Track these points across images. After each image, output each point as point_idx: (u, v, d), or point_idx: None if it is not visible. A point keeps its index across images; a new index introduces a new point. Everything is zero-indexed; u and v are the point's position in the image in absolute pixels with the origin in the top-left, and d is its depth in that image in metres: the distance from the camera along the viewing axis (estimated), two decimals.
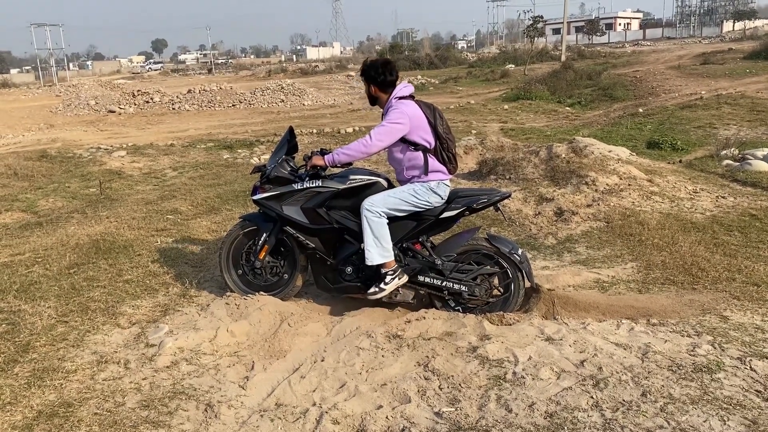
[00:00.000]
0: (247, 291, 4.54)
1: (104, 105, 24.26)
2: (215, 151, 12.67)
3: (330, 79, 34.52)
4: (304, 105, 22.95)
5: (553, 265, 5.17)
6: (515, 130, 13.82)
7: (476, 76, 30.94)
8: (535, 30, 35.49)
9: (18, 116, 23.31)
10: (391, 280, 4.05)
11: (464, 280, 4.19)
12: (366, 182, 4.22)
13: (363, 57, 63.63)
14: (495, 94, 22.32)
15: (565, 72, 24.33)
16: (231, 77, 48.36)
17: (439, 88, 26.92)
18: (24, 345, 3.87)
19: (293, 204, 4.27)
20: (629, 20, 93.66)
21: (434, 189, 4.04)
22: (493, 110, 17.78)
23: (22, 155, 12.19)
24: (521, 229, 6.06)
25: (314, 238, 4.32)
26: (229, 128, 16.50)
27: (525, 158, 7.62)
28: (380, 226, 3.99)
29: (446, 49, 54.79)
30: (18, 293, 4.72)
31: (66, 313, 4.34)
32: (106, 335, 4.01)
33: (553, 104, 18.60)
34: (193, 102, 23.74)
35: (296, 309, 4.33)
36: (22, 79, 66.03)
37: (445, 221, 4.20)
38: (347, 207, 4.23)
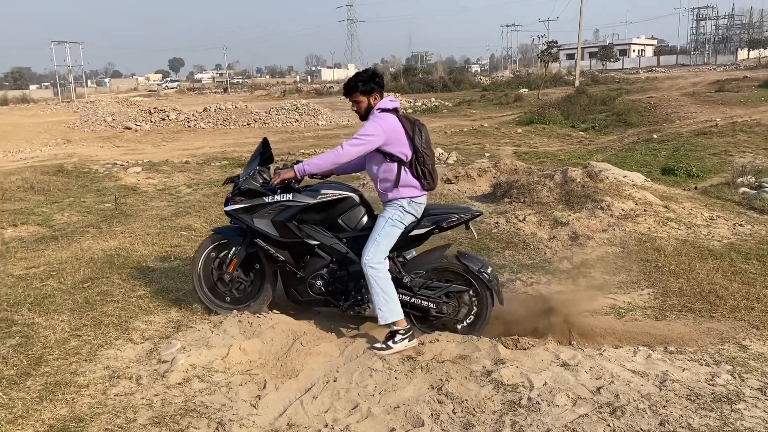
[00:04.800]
0: (218, 304, 4.56)
1: (121, 121, 24.54)
2: (229, 168, 12.74)
3: (344, 99, 34.66)
4: (318, 125, 23.09)
5: (567, 290, 5.12)
6: (529, 153, 13.81)
7: (490, 99, 31.06)
8: (549, 55, 35.64)
9: (36, 131, 23.63)
10: (400, 341, 3.94)
11: (432, 297, 4.17)
12: (337, 197, 4.25)
13: None
14: (508, 117, 22.36)
15: (578, 97, 24.37)
16: (246, 96, 48.85)
17: (452, 110, 27.02)
18: (37, 358, 3.87)
19: (264, 217, 4.26)
20: (643, 47, 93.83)
21: (406, 208, 4.02)
22: (506, 133, 17.79)
23: (39, 169, 12.31)
24: (536, 253, 6.02)
25: (284, 251, 4.31)
26: (244, 147, 16.60)
27: (539, 182, 7.59)
28: (385, 281, 3.96)
29: (460, 72, 55.14)
30: (32, 306, 4.74)
31: (79, 327, 4.34)
32: (119, 350, 4.00)
33: (566, 129, 18.59)
34: (208, 120, 23.96)
35: (309, 328, 4.31)
36: (40, 94, 67.16)
37: (415, 239, 4.20)
38: (319, 221, 4.26)
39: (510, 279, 5.33)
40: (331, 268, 4.25)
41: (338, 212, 4.25)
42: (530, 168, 9.43)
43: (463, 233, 5.93)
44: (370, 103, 4.08)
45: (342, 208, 4.25)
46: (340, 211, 4.26)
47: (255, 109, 25.85)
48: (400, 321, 3.99)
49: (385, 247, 4.00)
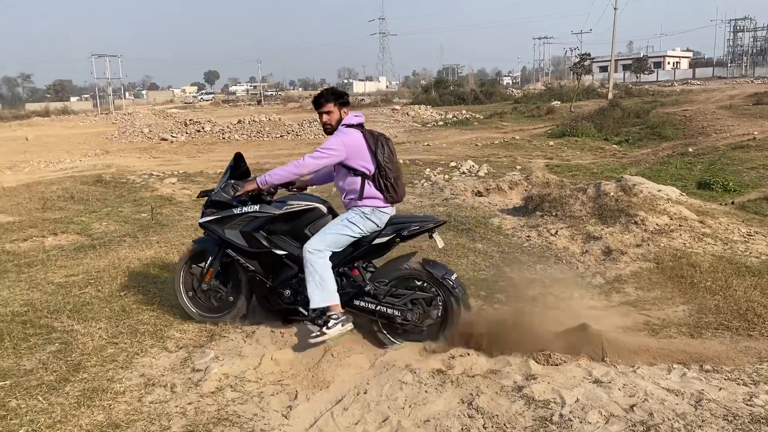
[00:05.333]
0: (199, 314, 4.70)
1: (157, 133, 25.08)
2: None
3: (375, 112, 34.91)
4: None
5: (600, 305, 5.07)
6: (561, 166, 13.71)
7: (521, 112, 30.90)
8: (582, 67, 35.43)
9: (76, 142, 24.30)
10: (334, 325, 3.99)
11: (397, 304, 4.21)
12: (303, 208, 4.34)
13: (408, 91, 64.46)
14: (540, 130, 22.22)
15: (612, 109, 24.08)
16: (279, 109, 49.43)
17: (483, 123, 26.96)
18: (75, 364, 3.97)
19: (234, 228, 4.39)
20: (678, 59, 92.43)
21: (368, 215, 4.10)
22: (538, 146, 17.68)
23: (79, 179, 12.65)
24: (568, 268, 5.97)
25: (254, 261, 4.43)
26: (277, 158, 16.81)
27: (572, 195, 7.53)
28: (323, 268, 4.03)
29: (491, 84, 54.96)
30: (71, 313, 4.87)
31: (116, 335, 4.44)
32: (154, 358, 4.09)
33: (599, 142, 18.40)
34: (242, 132, 24.33)
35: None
36: (80, 106, 68.98)
37: (379, 247, 4.25)
38: (286, 231, 4.36)
39: (542, 293, 5.29)
40: (299, 278, 4.29)
41: (305, 223, 4.34)
42: (562, 181, 9.37)
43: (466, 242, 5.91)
44: (341, 115, 4.20)
45: (308, 218, 4.34)
46: (306, 222, 4.34)
47: (288, 121, 26.18)
48: (334, 305, 4.03)
49: (331, 240, 4.08)
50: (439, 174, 12.30)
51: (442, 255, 6.26)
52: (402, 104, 40.73)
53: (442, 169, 12.94)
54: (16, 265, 6.52)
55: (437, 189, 9.67)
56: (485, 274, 5.78)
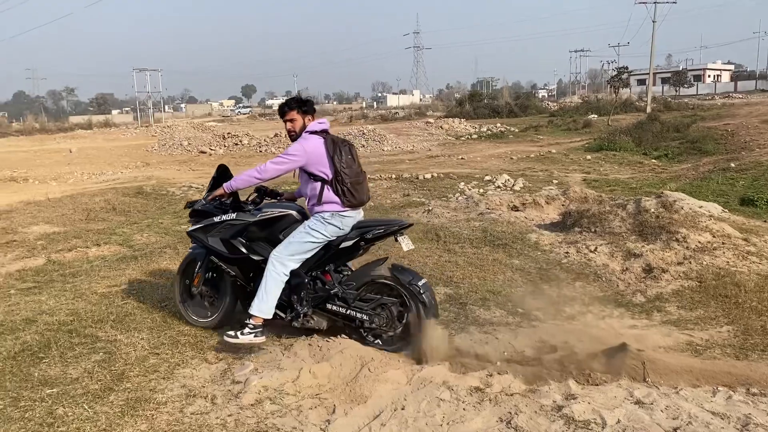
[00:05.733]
0: (193, 318, 4.96)
1: (196, 146, 25.57)
2: None
3: (409, 125, 34.99)
4: (384, 150, 23.35)
5: (641, 324, 4.98)
6: (599, 181, 13.53)
7: (557, 125, 30.63)
8: (619, 80, 34.96)
9: (117, 154, 24.92)
10: (248, 334, 4.22)
11: (365, 309, 4.36)
12: (277, 215, 4.55)
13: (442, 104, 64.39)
14: (577, 143, 22.00)
15: (650, 123, 23.70)
16: None
17: (519, 136, 26.80)
18: (119, 374, 4.06)
19: (215, 235, 4.62)
20: (719, 72, 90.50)
21: (328, 220, 4.27)
22: (575, 160, 17.50)
23: (120, 191, 12.97)
24: (607, 285, 5.89)
25: (234, 266, 4.67)
26: None
27: (611, 211, 7.43)
28: (274, 280, 4.27)
29: (527, 97, 54.48)
30: (114, 323, 4.99)
31: (158, 346, 4.53)
32: (195, 369, 4.15)
33: (638, 156, 18.12)
34: (278, 145, 24.62)
35: (376, 354, 4.34)
36: (121, 119, 70.79)
37: (346, 251, 4.41)
38: (263, 238, 4.56)
39: (581, 311, 5.23)
40: None
41: (279, 229, 4.52)
42: (600, 196, 9.25)
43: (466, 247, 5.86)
44: (305, 122, 4.41)
45: (282, 225, 4.53)
46: (281, 228, 4.52)
47: None
48: (259, 318, 4.28)
49: (294, 248, 4.29)
50: (473, 188, 12.27)
51: (475, 269, 6.25)
52: (436, 117, 40.72)
53: (476, 183, 12.90)
54: (61, 275, 6.71)
55: (472, 203, 9.63)
56: (522, 290, 5.74)
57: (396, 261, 5.09)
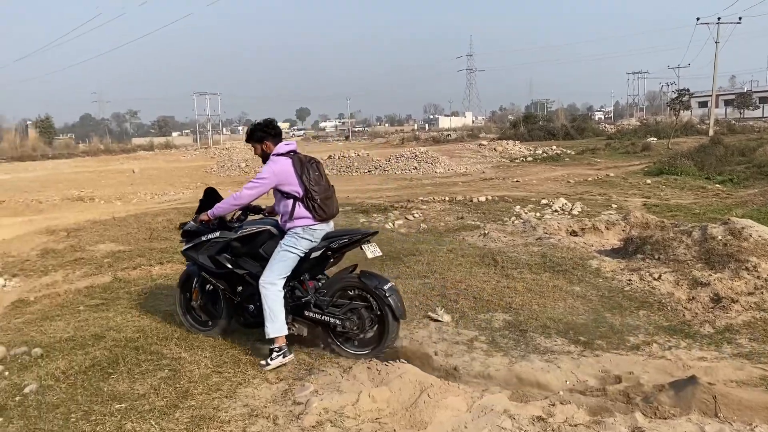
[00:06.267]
0: (193, 327, 5.35)
1: (253, 167, 26.18)
2: (352, 214, 13.13)
3: (462, 147, 34.94)
4: (436, 172, 23.33)
5: (711, 357, 4.78)
6: (659, 206, 13.15)
7: (615, 148, 30.03)
8: (680, 103, 34.08)
9: (177, 175, 25.74)
10: (276, 357, 4.53)
11: (338, 314, 4.66)
12: (255, 231, 4.89)
13: (495, 126, 64.11)
14: (636, 167, 21.49)
15: (713, 147, 22.97)
16: (366, 144, 50.49)
17: (575, 159, 26.38)
18: (183, 391, 4.15)
19: (204, 252, 5.02)
20: None
21: (300, 235, 4.59)
22: (634, 184, 17.07)
23: (182, 211, 13.36)
24: (673, 315, 5.69)
25: (221, 280, 5.04)
26: (365, 193, 17.10)
27: (675, 238, 7.20)
28: (274, 301, 4.58)
29: (583, 119, 53.81)
30: (179, 341, 5.12)
31: (220, 364, 4.62)
32: (256, 389, 4.21)
33: (700, 180, 17.54)
34: (332, 167, 24.96)
35: (435, 380, 4.31)
36: (181, 141, 73.18)
37: (317, 260, 4.71)
38: (245, 253, 4.91)
39: (645, 341, 5.07)
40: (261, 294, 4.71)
41: (258, 244, 4.85)
42: (663, 222, 8.98)
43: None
44: (263, 149, 4.77)
45: (261, 240, 4.85)
46: (260, 243, 4.85)
47: (376, 156, 26.62)
48: (279, 338, 4.59)
49: (279, 269, 4.60)
50: (530, 211, 12.11)
51: (535, 295, 6.13)
52: (489, 139, 40.55)
53: (533, 207, 12.73)
54: (127, 293, 6.94)
55: (529, 227, 9.50)
56: (584, 318, 5.60)
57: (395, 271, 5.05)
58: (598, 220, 9.65)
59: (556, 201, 12.99)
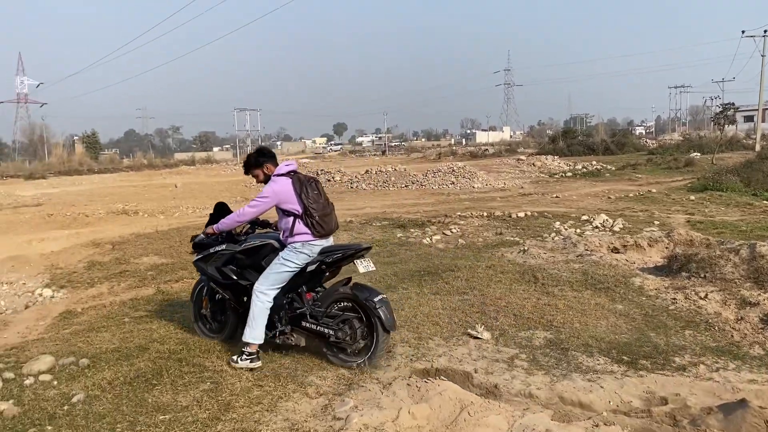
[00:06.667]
0: (204, 334, 5.65)
1: None
2: (389, 229, 13.15)
3: (500, 162, 34.72)
4: (474, 187, 23.23)
5: (761, 379, 4.62)
6: (704, 223, 12.82)
7: (657, 163, 29.44)
8: (725, 117, 33.27)
9: (218, 189, 26.21)
10: (244, 360, 4.82)
11: (331, 324, 4.85)
12: (258, 244, 5.16)
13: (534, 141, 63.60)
14: (678, 183, 21.04)
15: (761, 162, 22.27)
16: (403, 159, 50.57)
17: (615, 174, 25.96)
18: (225, 404, 4.20)
19: (212, 264, 5.30)
20: None
21: (299, 249, 4.84)
22: (677, 200, 16.70)
23: None
24: (721, 335, 5.53)
25: (227, 291, 5.32)
26: (402, 208, 17.12)
27: (722, 256, 7.01)
28: (259, 310, 4.87)
29: (623, 134, 52.92)
30: (220, 354, 5.19)
31: (261, 378, 4.66)
32: (296, 403, 4.23)
33: (747, 197, 17.05)
34: (369, 182, 25.10)
35: (476, 398, 4.27)
36: (222, 156, 74.54)
37: (313, 274, 4.96)
38: (249, 265, 5.18)
39: (692, 362, 4.93)
40: None
41: (261, 256, 5.10)
42: (708, 239, 8.76)
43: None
44: (265, 172, 5.04)
45: (264, 253, 5.11)
46: (263, 256, 5.10)
47: (413, 171, 26.66)
48: (253, 345, 4.86)
49: (272, 279, 4.89)
50: (570, 228, 11.94)
51: (576, 313, 6.04)
52: (527, 154, 40.23)
53: (573, 223, 12.56)
54: (170, 305, 7.08)
55: (570, 244, 9.37)
56: (627, 337, 5.49)
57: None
58: (640, 236, 9.46)
59: (596, 217, 12.79)
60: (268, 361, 5.02)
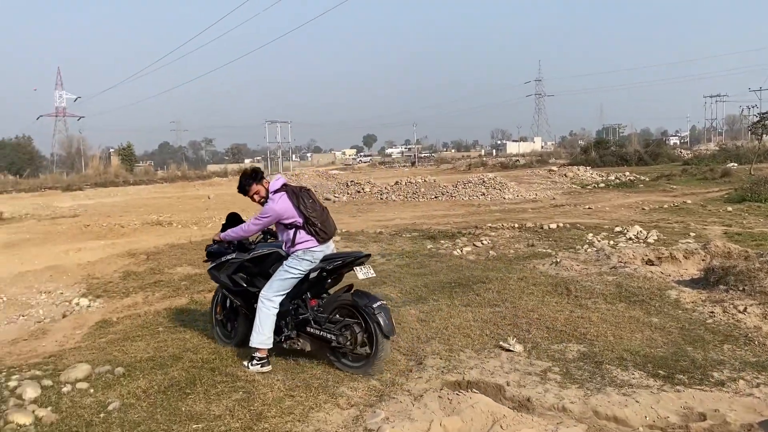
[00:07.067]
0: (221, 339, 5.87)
1: (321, 193, 26.69)
2: (419, 240, 13.12)
3: (531, 173, 34.46)
4: (505, 199, 23.08)
5: None
6: (742, 234, 12.51)
7: (692, 174, 28.86)
8: (762, 126, 32.51)
9: (251, 201, 26.40)
10: (255, 365, 5.04)
11: (332, 330, 4.98)
12: (266, 252, 5.38)
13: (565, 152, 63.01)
14: (715, 194, 20.59)
15: None
16: (432, 170, 50.56)
17: (649, 185, 25.53)
18: (257, 414, 4.23)
19: (224, 272, 5.51)
20: None
21: (302, 256, 5.05)
22: (713, 212, 16.34)
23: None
24: (761, 350, 5.37)
25: (238, 297, 5.53)
26: (432, 219, 17.09)
27: (762, 268, 6.84)
28: (266, 315, 5.08)
29: (657, 144, 52.05)
30: None
31: (292, 388, 4.68)
32: (328, 414, 4.24)
33: None
34: (399, 193, 25.12)
35: (508, 411, 4.23)
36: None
37: (316, 280, 5.14)
38: (257, 273, 5.40)
39: (731, 377, 4.80)
40: None
41: (268, 264, 5.32)
42: (746, 252, 8.55)
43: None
44: (265, 187, 5.23)
45: (270, 261, 5.32)
46: (270, 264, 5.31)
47: (442, 182, 26.61)
48: (262, 350, 5.09)
49: (277, 286, 5.10)
50: (603, 239, 11.77)
51: (610, 326, 5.94)
52: (559, 165, 39.85)
53: (606, 234, 12.37)
54: (203, 315, 7.17)
55: (603, 256, 9.23)
56: (663, 351, 5.37)
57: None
58: (675, 248, 9.28)
59: (630, 229, 12.58)
60: (299, 371, 5.05)
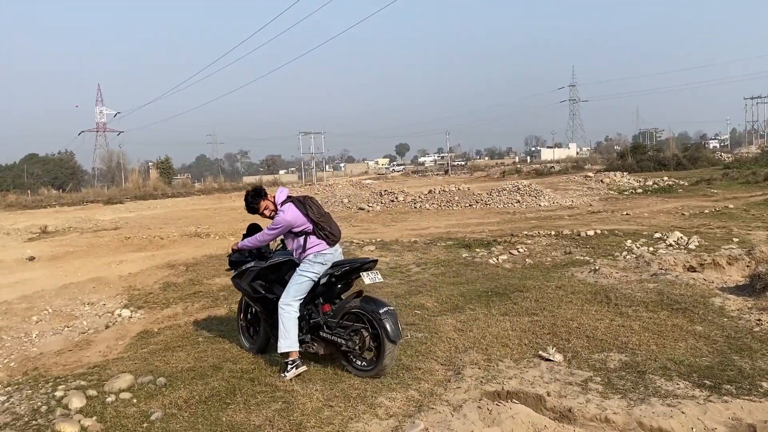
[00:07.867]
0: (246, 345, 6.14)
1: (355, 203, 26.78)
2: (454, 249, 13.05)
3: (566, 179, 34.04)
4: (540, 206, 22.82)
5: None
6: None
7: (734, 178, 28.15)
8: None
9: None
10: (291, 370, 5.17)
11: (342, 334, 5.17)
12: (282, 260, 5.64)
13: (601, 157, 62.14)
14: (758, 198, 20.02)
15: None
16: (466, 178, 50.34)
17: (689, 190, 24.96)
18: (297, 424, 4.26)
19: (245, 280, 5.73)
20: None
21: (314, 260, 5.31)
22: (757, 216, 15.89)
23: None
24: None
25: (258, 304, 5.74)
26: (467, 227, 16.99)
27: None
28: (288, 320, 5.26)
29: (696, 148, 50.95)
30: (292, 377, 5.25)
31: (331, 398, 4.70)
32: (367, 424, 4.24)
33: None
34: (432, 202, 25.05)
35: (549, 422, 4.17)
36: (287, 178, 76.27)
37: (326, 286, 5.38)
38: (275, 280, 5.65)
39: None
40: None
41: (285, 272, 5.56)
42: None
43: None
44: (272, 201, 5.47)
45: (286, 268, 5.56)
46: (286, 271, 5.55)
47: (477, 190, 26.45)
48: (293, 353, 5.26)
49: (294, 291, 5.31)
50: (642, 246, 11.54)
51: (652, 335, 5.81)
52: (595, 171, 39.28)
53: (645, 241, 12.13)
54: None
55: (643, 263, 9.05)
56: (708, 360, 5.23)
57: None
58: (718, 254, 9.06)
59: (670, 235, 12.32)
60: (337, 381, 5.06)
